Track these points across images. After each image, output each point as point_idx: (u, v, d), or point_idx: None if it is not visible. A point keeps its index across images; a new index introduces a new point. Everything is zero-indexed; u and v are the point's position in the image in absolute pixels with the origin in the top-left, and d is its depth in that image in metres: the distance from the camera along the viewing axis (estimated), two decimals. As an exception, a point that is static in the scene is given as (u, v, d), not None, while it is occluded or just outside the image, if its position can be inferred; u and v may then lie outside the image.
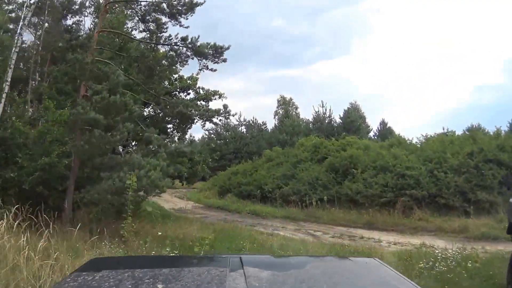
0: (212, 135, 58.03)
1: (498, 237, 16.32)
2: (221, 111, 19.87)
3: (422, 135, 28.73)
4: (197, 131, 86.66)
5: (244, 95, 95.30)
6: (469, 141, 24.14)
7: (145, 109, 21.75)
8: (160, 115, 21.16)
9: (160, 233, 13.37)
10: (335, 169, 26.92)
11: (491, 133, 26.50)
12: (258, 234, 18.32)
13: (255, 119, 60.93)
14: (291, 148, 35.29)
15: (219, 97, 23.13)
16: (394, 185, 22.89)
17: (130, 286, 2.20)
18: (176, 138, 22.91)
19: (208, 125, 34.49)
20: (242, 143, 55.52)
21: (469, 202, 20.67)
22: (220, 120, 20.22)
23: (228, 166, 43.63)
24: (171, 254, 8.99)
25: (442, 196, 21.39)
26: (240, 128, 59.31)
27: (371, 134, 54.77)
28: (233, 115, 18.89)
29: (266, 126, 60.52)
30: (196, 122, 20.95)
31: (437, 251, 11.80)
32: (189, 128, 22.10)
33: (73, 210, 14.29)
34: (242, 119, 59.86)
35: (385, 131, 53.82)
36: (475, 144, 22.92)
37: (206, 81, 77.63)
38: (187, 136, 29.57)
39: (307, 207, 25.99)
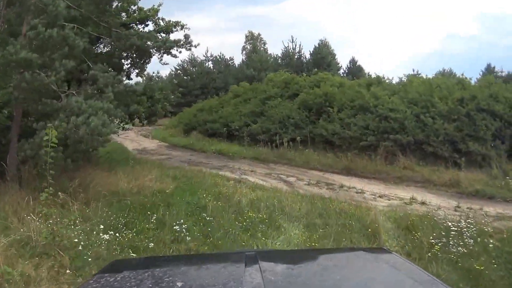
0: (179, 71, 55.64)
1: (494, 195, 14.52)
2: (182, 42, 16.61)
3: (405, 75, 25.53)
4: (164, 68, 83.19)
5: (212, 32, 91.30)
6: (457, 86, 21.54)
7: (98, 45, 18.87)
8: (116, 51, 18.01)
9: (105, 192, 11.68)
10: (308, 107, 24.03)
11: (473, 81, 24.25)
12: (224, 181, 15.98)
13: (222, 54, 57.60)
14: (260, 83, 32.06)
15: (181, 28, 19.67)
16: (375, 128, 20.25)
17: (150, 285, 2.16)
18: (132, 75, 20.01)
19: (168, 59, 31.71)
20: (209, 79, 52.77)
21: (460, 153, 18.41)
22: (180, 52, 17.00)
23: (194, 102, 41.27)
24: (189, 253, 8.16)
25: (430, 144, 18.92)
26: (207, 64, 56.57)
27: (341, 72, 51.63)
28: (195, 46, 15.52)
29: (233, 62, 57.58)
30: (154, 55, 17.69)
31: (442, 219, 10.03)
32: (148, 63, 18.98)
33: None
34: (209, 55, 56.76)
35: (355, 69, 51.14)
36: (464, 90, 20.38)
37: (172, 18, 72.68)
38: (152, 73, 26.49)
39: (278, 147, 23.36)
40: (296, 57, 52.06)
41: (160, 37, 17.89)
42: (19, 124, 12.37)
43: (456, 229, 8.84)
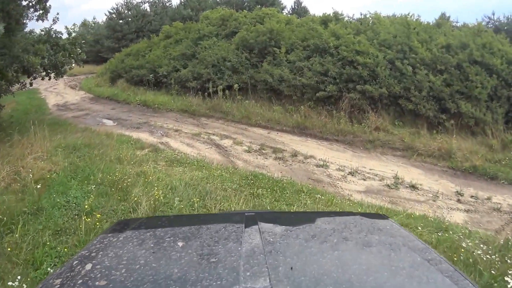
0: (113, 15, 47.86)
1: (496, 175, 10.52)
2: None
3: (370, 12, 18.88)
4: (99, 14, 74.47)
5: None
6: (440, 30, 15.77)
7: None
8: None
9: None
10: (249, 47, 17.79)
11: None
12: (135, 150, 11.35)
13: (160, -4, 50.21)
14: (195, 23, 25.16)
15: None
16: (337, 75, 14.37)
17: (152, 245, 2.08)
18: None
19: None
20: (144, 22, 45.53)
21: (447, 113, 13.21)
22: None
23: (127, 47, 33.52)
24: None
25: (409, 99, 13.46)
26: (143, 6, 48.96)
27: (285, 12, 43.06)
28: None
29: (171, 3, 50.10)
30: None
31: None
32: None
33: None
34: (145, -4, 49.36)
35: (300, 11, 43.85)
36: (446, 37, 14.70)
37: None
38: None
39: (211, 97, 17.41)
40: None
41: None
42: None
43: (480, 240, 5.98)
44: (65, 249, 5.39)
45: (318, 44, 15.18)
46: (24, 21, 14.02)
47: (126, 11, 47.71)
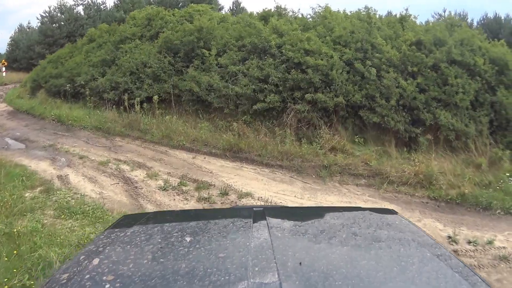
0: (45, 19, 43.13)
1: (490, 205, 8.06)
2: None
3: (320, 6, 15.05)
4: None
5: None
6: (406, 25, 12.45)
7: None
8: None
9: None
10: (173, 49, 14.10)
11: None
12: (24, 191, 8.29)
13: (94, -3, 46.36)
14: (122, 24, 20.92)
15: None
16: (280, 81, 10.99)
17: (160, 240, 1.98)
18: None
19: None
20: (77, 25, 41.11)
21: (423, 126, 10.22)
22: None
23: (56, 53, 29.69)
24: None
25: (374, 110, 10.40)
26: (76, 9, 44.49)
27: (223, 12, 39.84)
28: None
29: (105, 6, 45.63)
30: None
31: None
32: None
33: None
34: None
35: (238, 12, 39.25)
36: (417, 32, 11.49)
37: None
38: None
39: (128, 111, 13.71)
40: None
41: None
42: None
43: None
44: None
45: (256, 43, 11.80)
46: None
47: (59, 15, 43.42)
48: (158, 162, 10.22)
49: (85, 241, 5.60)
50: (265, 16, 14.50)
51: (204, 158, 10.53)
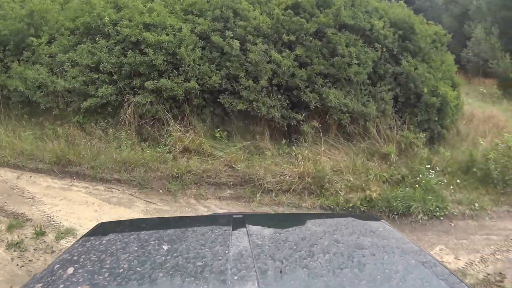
0: None
1: (408, 209, 6.32)
2: None
3: None
4: None
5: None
6: None
7: None
8: None
9: None
10: (3, 41, 10.49)
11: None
12: None
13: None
14: None
15: None
16: (114, 68, 8.06)
17: (136, 248, 1.93)
18: None
19: None
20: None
21: (307, 110, 7.85)
22: None
23: None
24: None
25: (238, 94, 7.88)
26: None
27: None
28: None
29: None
30: None
31: None
32: None
33: None
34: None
35: None
36: None
37: None
38: None
39: None
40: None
41: None
42: None
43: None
44: None
45: (89, 22, 8.81)
46: None
47: None
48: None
49: None
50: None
51: (30, 177, 7.54)
